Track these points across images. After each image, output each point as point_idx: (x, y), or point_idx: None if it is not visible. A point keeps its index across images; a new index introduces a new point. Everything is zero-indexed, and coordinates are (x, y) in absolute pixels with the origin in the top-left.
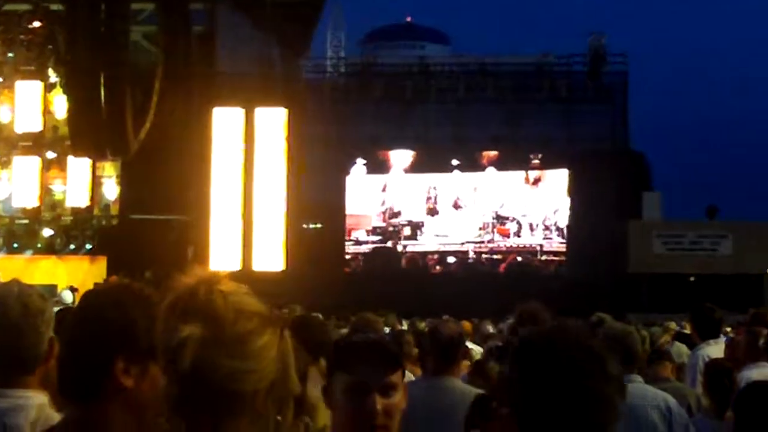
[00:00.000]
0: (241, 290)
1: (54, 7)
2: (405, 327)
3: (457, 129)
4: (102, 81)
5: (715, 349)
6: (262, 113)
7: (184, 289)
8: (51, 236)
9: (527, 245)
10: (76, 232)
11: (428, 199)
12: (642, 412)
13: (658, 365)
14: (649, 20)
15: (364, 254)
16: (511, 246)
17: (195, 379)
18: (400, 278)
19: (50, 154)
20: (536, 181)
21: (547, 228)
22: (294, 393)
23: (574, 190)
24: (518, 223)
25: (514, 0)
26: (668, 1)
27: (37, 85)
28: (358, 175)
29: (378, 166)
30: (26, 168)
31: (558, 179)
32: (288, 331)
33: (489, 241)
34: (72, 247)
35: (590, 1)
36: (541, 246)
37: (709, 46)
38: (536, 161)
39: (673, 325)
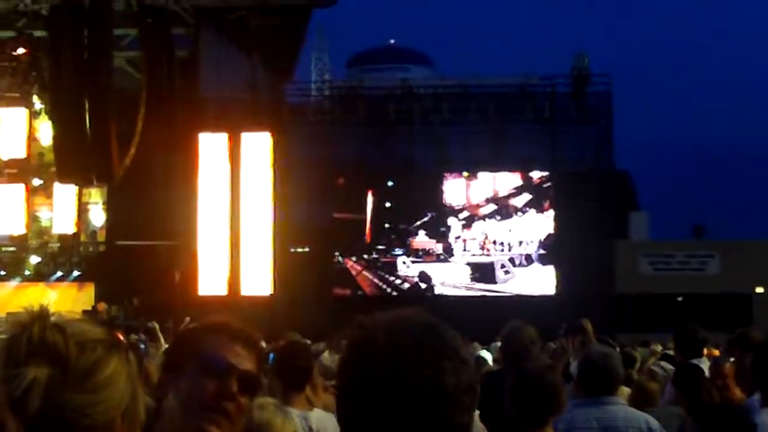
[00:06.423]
0: (77, 319)
1: (38, 33)
2: None
3: (441, 151)
4: (86, 107)
5: None
6: (247, 138)
7: (16, 330)
8: (38, 263)
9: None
10: (64, 258)
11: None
12: None
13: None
14: (632, 40)
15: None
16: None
17: (46, 421)
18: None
19: (36, 181)
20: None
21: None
22: (143, 414)
23: (560, 211)
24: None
25: (496, 22)
26: (652, 21)
27: (22, 112)
28: None
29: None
30: (12, 195)
31: None
32: (132, 354)
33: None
34: (59, 273)
35: (573, 22)
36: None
37: (693, 66)
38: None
39: (659, 347)
